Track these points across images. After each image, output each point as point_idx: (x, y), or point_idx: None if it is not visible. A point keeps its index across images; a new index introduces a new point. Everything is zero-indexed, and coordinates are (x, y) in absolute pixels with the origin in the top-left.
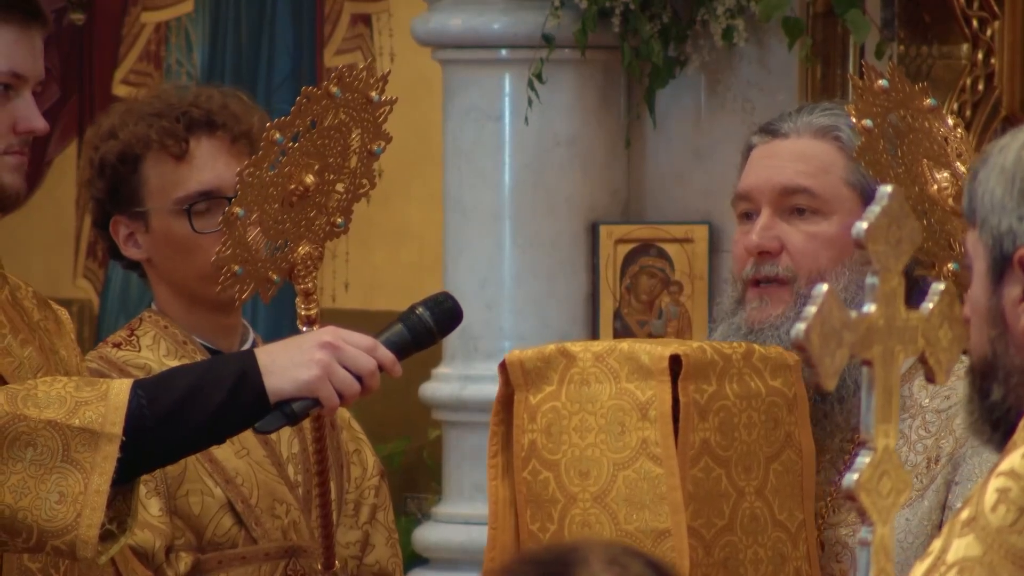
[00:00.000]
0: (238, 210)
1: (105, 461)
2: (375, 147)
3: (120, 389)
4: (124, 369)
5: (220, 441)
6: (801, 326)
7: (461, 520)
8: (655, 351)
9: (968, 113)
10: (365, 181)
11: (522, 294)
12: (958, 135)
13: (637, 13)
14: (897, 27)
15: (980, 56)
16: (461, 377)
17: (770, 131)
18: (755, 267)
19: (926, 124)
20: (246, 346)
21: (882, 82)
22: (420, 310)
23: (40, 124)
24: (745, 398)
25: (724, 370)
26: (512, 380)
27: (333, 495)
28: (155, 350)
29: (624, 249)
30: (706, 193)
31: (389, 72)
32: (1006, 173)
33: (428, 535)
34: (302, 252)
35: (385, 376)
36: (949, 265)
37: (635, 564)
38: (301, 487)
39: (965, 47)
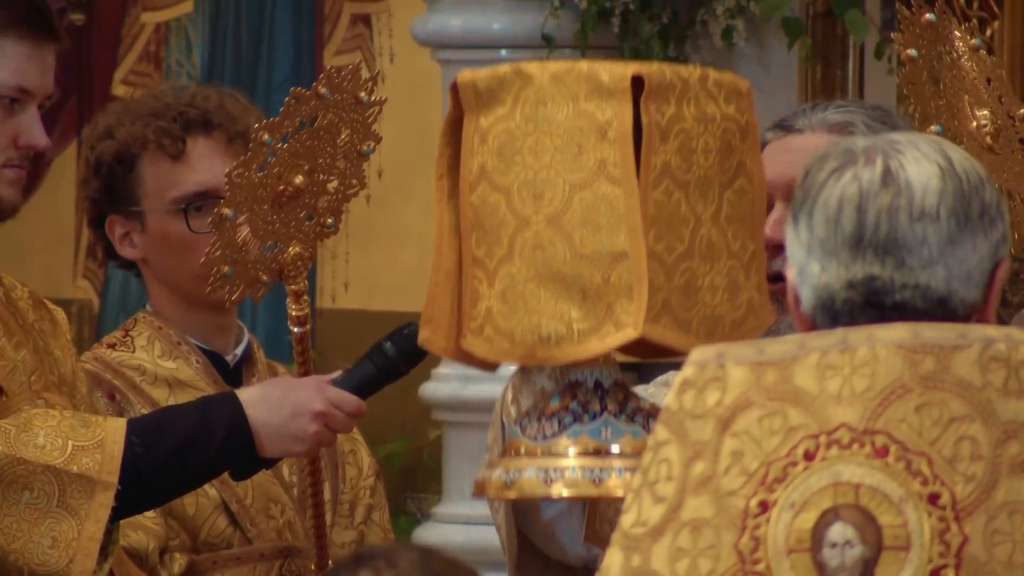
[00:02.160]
0: (227, 211)
1: (100, 509)
2: (365, 147)
3: (115, 437)
4: (119, 370)
5: (204, 484)
6: None
7: (461, 520)
8: (616, 70)
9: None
10: (355, 181)
11: None
12: (1000, 77)
13: (637, 13)
14: (897, 27)
15: None
16: (461, 377)
17: (784, 127)
18: (768, 262)
19: (970, 62)
20: (241, 347)
21: (929, 16)
22: (387, 345)
23: (42, 140)
24: (702, 122)
25: (682, 92)
26: (463, 101)
27: (328, 495)
28: (149, 351)
29: None
30: None
31: (378, 72)
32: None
33: (428, 535)
34: (292, 253)
35: None
36: None
37: (406, 560)
38: (296, 487)
39: None
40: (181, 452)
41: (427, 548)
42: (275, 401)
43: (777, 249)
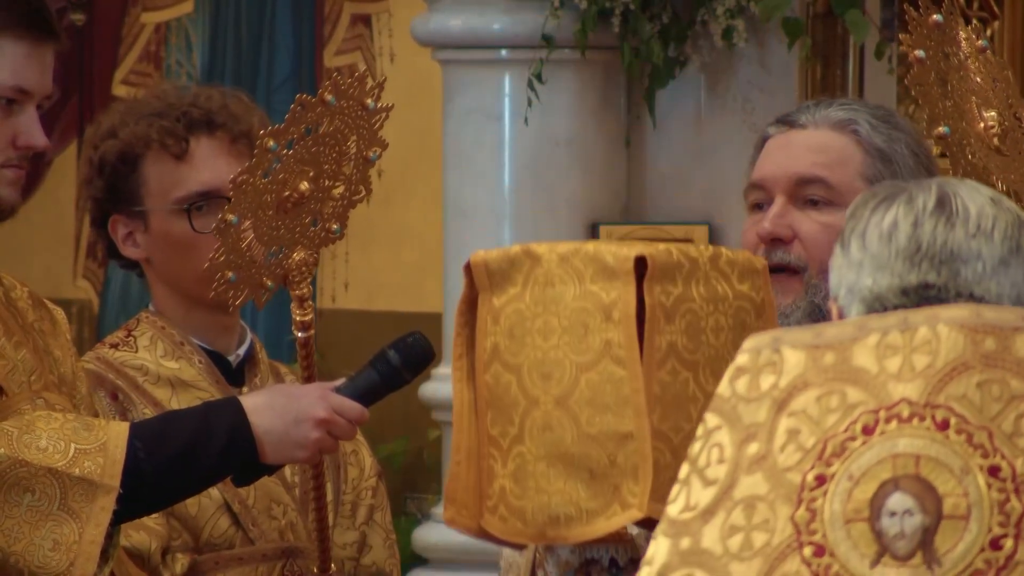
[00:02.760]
0: (231, 217)
1: (101, 512)
2: (371, 154)
3: (118, 441)
4: (121, 370)
5: (205, 489)
6: None
7: None
8: (620, 252)
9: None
10: (361, 188)
11: None
12: (1007, 78)
13: (637, 13)
14: (897, 27)
15: None
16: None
17: (787, 122)
18: (767, 254)
19: (976, 64)
20: (243, 347)
21: (936, 17)
22: (391, 352)
23: (41, 140)
24: (712, 301)
25: (691, 272)
26: (476, 282)
27: (330, 496)
28: (152, 351)
29: None
30: (706, 194)
31: (385, 80)
32: None
33: (428, 535)
34: (297, 258)
35: None
36: None
37: None
38: (298, 488)
39: None
40: (183, 457)
41: None
42: (278, 408)
43: (776, 243)
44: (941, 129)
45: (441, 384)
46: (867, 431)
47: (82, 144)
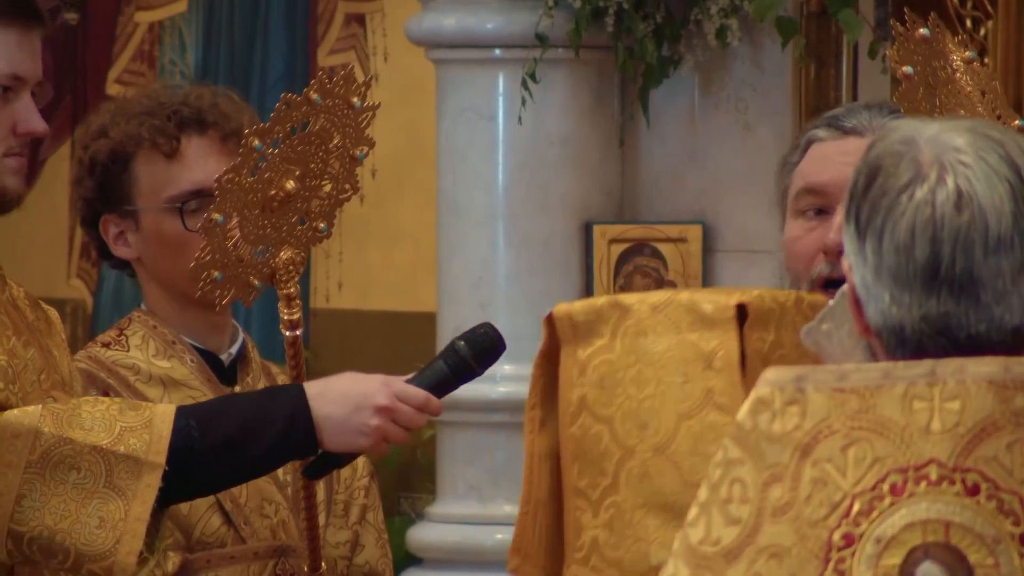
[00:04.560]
0: (217, 216)
1: (147, 489)
2: (358, 152)
3: (164, 418)
4: (113, 369)
5: (260, 476)
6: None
7: (455, 520)
8: (719, 300)
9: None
10: (348, 186)
11: (516, 294)
12: (995, 89)
13: (631, 13)
14: (890, 27)
15: None
16: None
17: (841, 127)
18: (831, 266)
19: (964, 76)
20: (236, 346)
21: (923, 31)
22: (460, 344)
23: (40, 126)
24: (799, 347)
25: (780, 318)
26: (560, 334)
27: (322, 496)
28: (144, 350)
29: (618, 249)
30: (700, 193)
31: (371, 78)
32: None
33: (422, 535)
34: (284, 257)
35: (382, 372)
36: None
37: None
38: (290, 487)
39: None
40: (238, 438)
41: None
42: (339, 394)
43: (840, 255)
44: None
45: None
46: (895, 491)
47: (75, 143)
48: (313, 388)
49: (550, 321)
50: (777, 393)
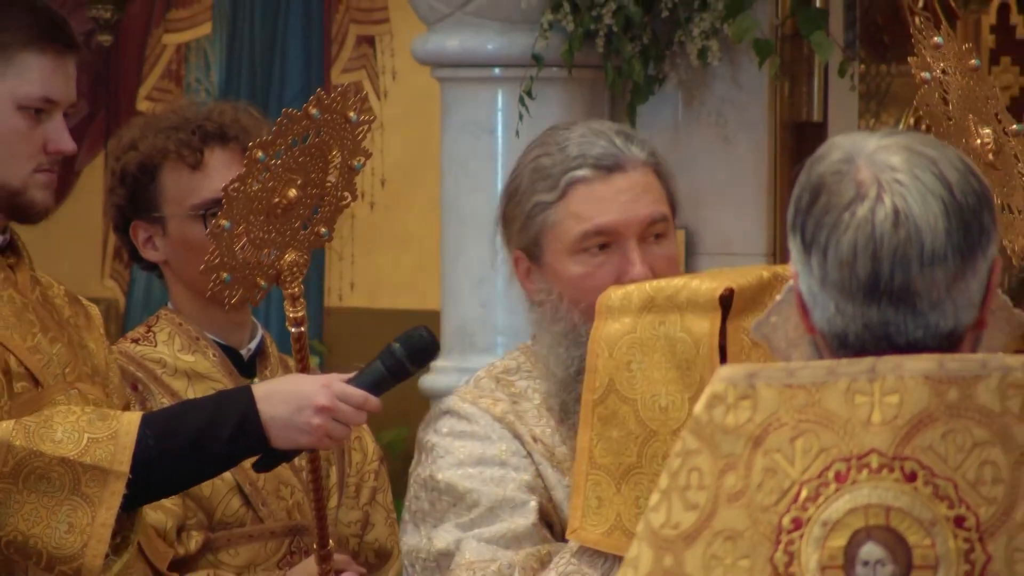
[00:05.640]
0: (224, 222)
1: (112, 497)
2: (355, 162)
3: (129, 429)
4: (141, 363)
5: (220, 473)
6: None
7: None
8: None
9: (924, 127)
10: (347, 194)
11: (514, 293)
12: (996, 95)
13: (619, 35)
14: (858, 47)
15: None
16: (458, 369)
17: (605, 167)
18: None
19: (971, 83)
20: (255, 341)
21: (937, 39)
22: (396, 346)
23: (69, 145)
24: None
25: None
26: (734, 308)
27: (335, 479)
28: (170, 345)
29: None
30: (683, 200)
31: (365, 93)
32: None
33: None
34: (288, 260)
35: None
36: None
37: None
38: (305, 471)
39: None
40: (192, 444)
41: None
42: (283, 395)
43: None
44: None
45: (439, 376)
46: (840, 479)
47: (108, 155)
48: (260, 390)
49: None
50: (731, 389)
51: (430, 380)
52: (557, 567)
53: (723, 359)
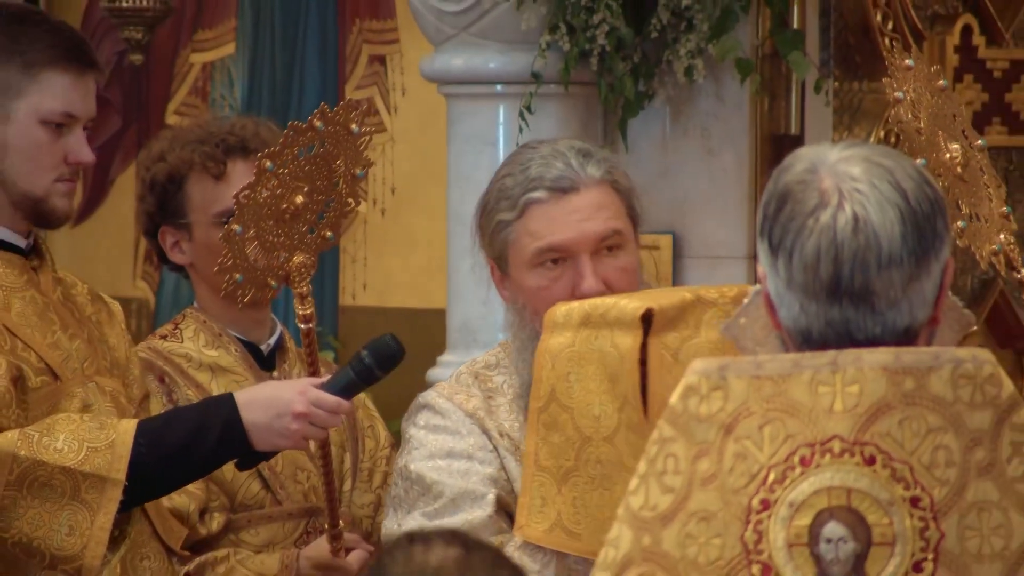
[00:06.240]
0: (236, 227)
1: (110, 502)
2: (358, 171)
3: (125, 439)
4: (169, 358)
5: (207, 474)
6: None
7: None
8: (632, 305)
9: (893, 140)
10: (351, 200)
11: None
12: (962, 112)
13: (612, 54)
14: (832, 66)
15: None
16: (462, 363)
17: (559, 188)
18: None
19: (939, 101)
20: (274, 337)
21: (908, 61)
22: (364, 353)
23: (88, 157)
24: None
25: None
26: (655, 326)
27: (348, 464)
28: (195, 341)
29: None
30: (670, 207)
31: (365, 107)
32: None
33: None
34: (297, 261)
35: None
36: (958, 223)
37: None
38: (317, 456)
39: None
40: (181, 450)
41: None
42: (263, 402)
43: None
44: (919, 161)
45: (444, 369)
46: (804, 463)
47: (139, 165)
48: (241, 398)
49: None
50: (704, 380)
51: (436, 374)
52: None
53: (644, 374)
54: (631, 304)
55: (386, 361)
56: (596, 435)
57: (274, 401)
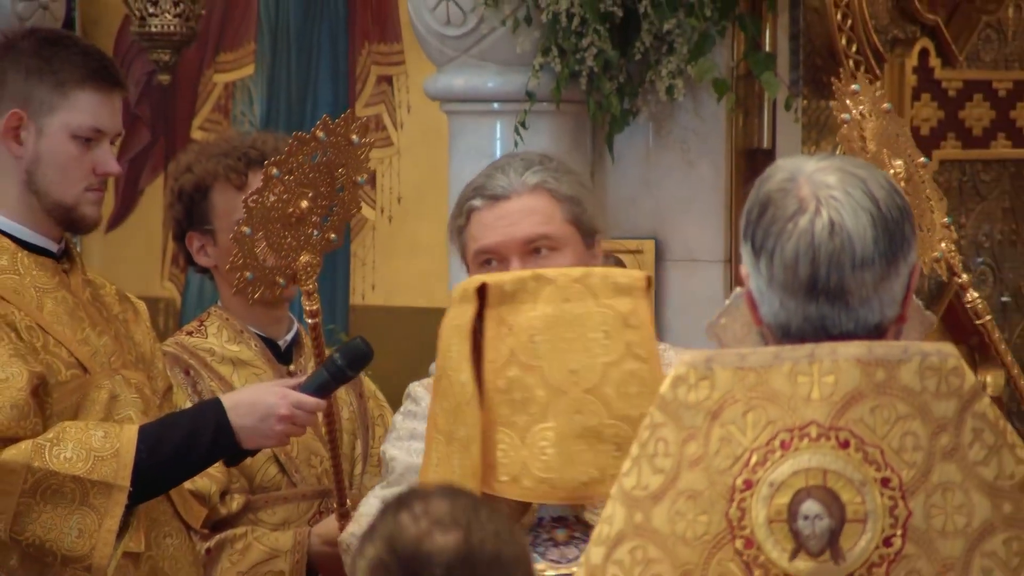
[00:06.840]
0: (245, 229)
1: (116, 507)
2: (359, 178)
3: (128, 447)
4: (194, 352)
5: (200, 472)
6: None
7: None
8: (632, 273)
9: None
10: (352, 206)
11: None
12: (907, 133)
13: (599, 75)
14: (801, 86)
15: None
16: None
17: (493, 196)
18: None
19: (884, 122)
20: (291, 334)
21: (854, 86)
22: (336, 356)
23: (114, 168)
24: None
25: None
26: (490, 300)
27: (359, 451)
28: (219, 337)
29: None
30: (653, 215)
31: (364, 120)
32: None
33: None
34: (303, 261)
35: (406, 354)
36: None
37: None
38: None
39: None
40: (178, 454)
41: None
42: (249, 406)
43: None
44: None
45: None
46: (784, 446)
47: (167, 176)
48: (228, 402)
49: (482, 291)
50: (692, 371)
51: None
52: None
53: (477, 342)
54: (474, 281)
55: (356, 361)
56: (461, 399)
57: (258, 405)
